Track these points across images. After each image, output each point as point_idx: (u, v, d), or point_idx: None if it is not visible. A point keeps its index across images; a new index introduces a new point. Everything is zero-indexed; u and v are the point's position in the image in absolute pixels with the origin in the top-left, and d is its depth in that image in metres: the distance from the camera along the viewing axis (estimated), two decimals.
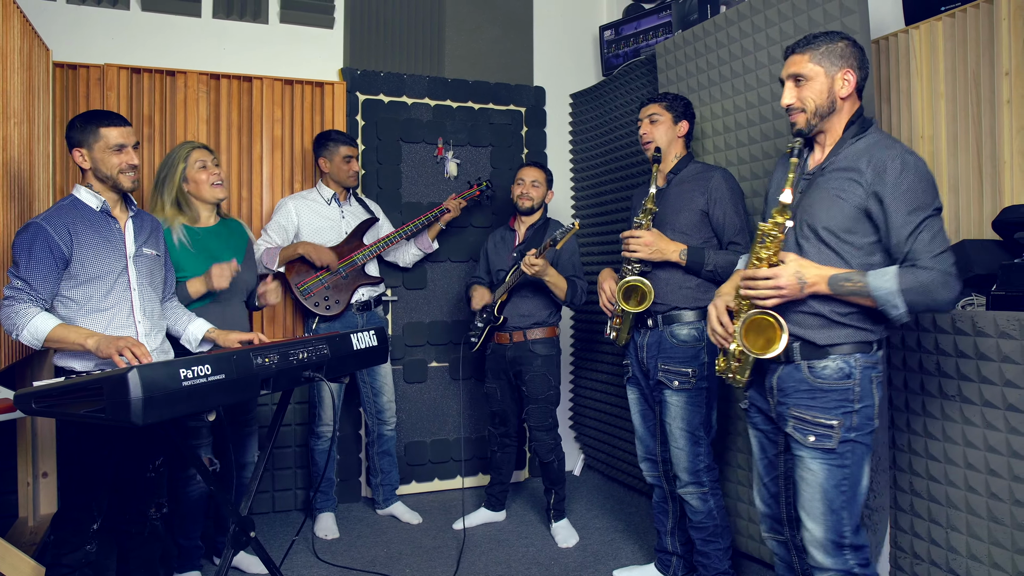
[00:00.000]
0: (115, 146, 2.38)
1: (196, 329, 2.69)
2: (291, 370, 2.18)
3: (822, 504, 2.03)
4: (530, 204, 3.57)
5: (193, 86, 3.75)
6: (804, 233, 2.08)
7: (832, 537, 2.03)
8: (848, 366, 2.04)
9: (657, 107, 2.90)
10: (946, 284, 1.89)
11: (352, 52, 4.14)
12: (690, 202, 2.80)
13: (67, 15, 3.62)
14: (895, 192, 1.93)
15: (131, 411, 1.70)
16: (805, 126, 2.10)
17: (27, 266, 2.26)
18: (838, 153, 2.08)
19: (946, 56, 2.65)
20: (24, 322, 2.22)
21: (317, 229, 3.59)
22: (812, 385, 2.07)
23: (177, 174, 2.93)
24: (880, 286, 1.92)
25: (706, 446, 2.80)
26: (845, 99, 2.07)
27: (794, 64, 2.09)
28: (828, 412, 2.04)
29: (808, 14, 2.73)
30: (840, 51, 2.05)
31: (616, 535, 3.59)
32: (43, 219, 2.31)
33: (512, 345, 3.54)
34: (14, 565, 2.45)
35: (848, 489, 2.02)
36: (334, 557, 3.32)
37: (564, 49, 4.70)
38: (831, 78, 2.05)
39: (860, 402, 2.03)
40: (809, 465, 2.06)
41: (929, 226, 1.92)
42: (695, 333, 2.79)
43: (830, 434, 2.02)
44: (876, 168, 1.96)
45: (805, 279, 2.00)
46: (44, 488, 3.37)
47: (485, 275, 3.77)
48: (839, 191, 2.02)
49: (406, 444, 4.18)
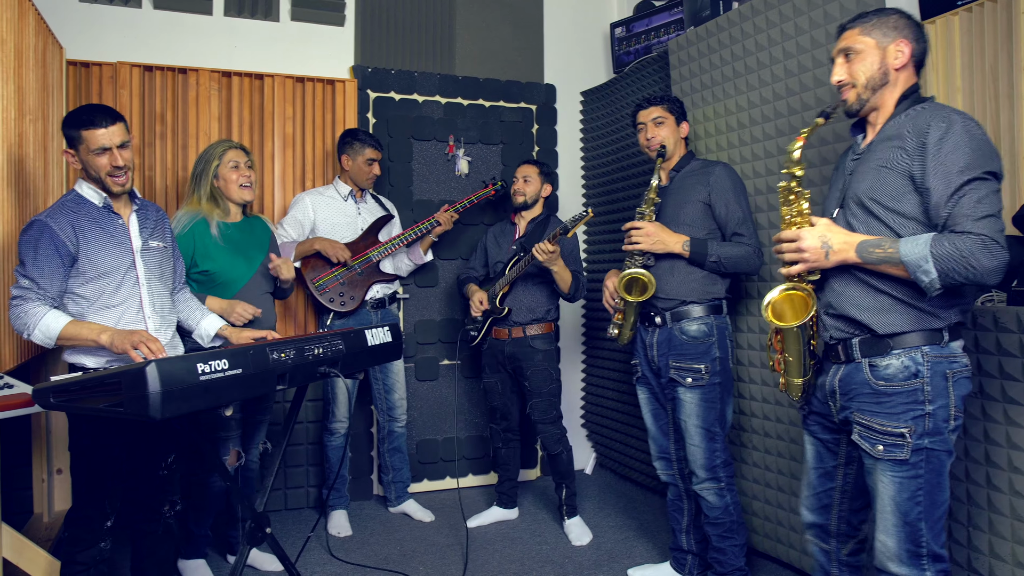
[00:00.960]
0: (97, 149, 2.30)
1: (209, 325, 2.68)
2: (307, 365, 2.17)
3: (894, 517, 1.86)
4: (522, 199, 3.60)
5: (205, 84, 3.75)
6: (852, 211, 1.95)
7: (908, 547, 1.86)
8: (914, 363, 1.84)
9: (660, 109, 2.91)
10: (986, 249, 1.68)
11: (363, 50, 4.14)
12: (692, 195, 2.82)
13: (80, 13, 3.63)
14: (937, 152, 1.77)
15: (149, 405, 1.70)
16: (856, 101, 1.97)
17: (33, 264, 2.23)
18: (886, 127, 1.95)
19: (963, 51, 2.64)
20: (34, 321, 2.20)
21: (333, 225, 3.60)
22: (874, 388, 1.89)
23: (211, 170, 2.99)
24: (910, 251, 1.75)
25: (722, 441, 2.79)
26: (900, 70, 1.93)
27: (844, 39, 1.99)
28: (896, 418, 1.84)
29: (824, 8, 2.71)
30: (893, 22, 1.93)
31: (630, 533, 3.58)
32: (47, 216, 2.27)
33: (511, 341, 3.55)
34: (31, 560, 2.46)
35: (925, 499, 1.83)
36: (347, 554, 3.32)
37: (575, 46, 4.69)
38: (883, 49, 1.93)
39: (932, 403, 1.83)
40: (880, 477, 1.88)
41: (975, 189, 1.73)
42: (705, 328, 2.78)
43: (901, 443, 1.83)
44: (919, 131, 1.82)
45: (831, 244, 1.88)
46: (59, 484, 3.38)
47: (481, 268, 3.80)
48: (884, 161, 1.88)
49: (417, 442, 4.17)
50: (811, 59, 2.78)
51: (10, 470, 3.30)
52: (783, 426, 2.97)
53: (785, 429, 2.96)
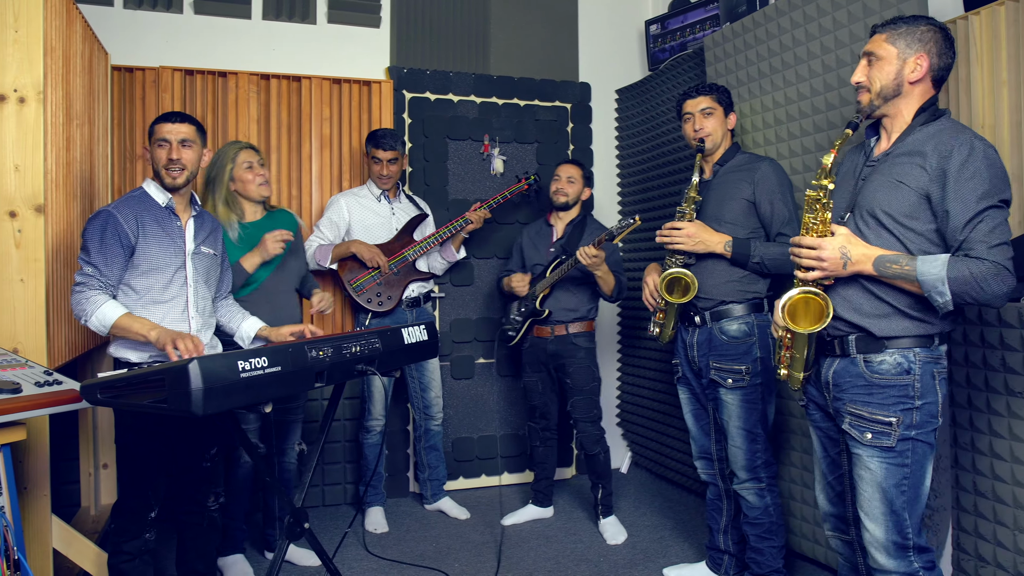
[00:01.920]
0: (160, 140, 2.46)
1: (249, 327, 2.75)
2: (344, 363, 2.21)
3: (882, 504, 1.97)
4: (565, 200, 3.58)
5: (244, 86, 3.82)
6: (864, 219, 2.02)
7: (894, 538, 1.96)
8: (907, 361, 1.96)
9: (709, 100, 2.84)
10: (998, 276, 1.80)
11: (399, 51, 4.18)
12: (736, 192, 2.76)
13: (124, 20, 3.72)
14: (959, 178, 1.85)
15: (192, 401, 1.74)
16: (867, 105, 2.04)
17: (98, 251, 2.35)
18: (904, 140, 2.01)
19: (1009, 42, 2.57)
20: (93, 309, 2.30)
21: (368, 226, 3.64)
22: (869, 380, 2.00)
23: (226, 174, 3.01)
24: (927, 271, 1.84)
25: (763, 442, 2.76)
26: (915, 84, 1.99)
27: (872, 42, 2.04)
28: (886, 408, 1.96)
29: (863, 2, 2.67)
30: (920, 35, 1.97)
31: (665, 533, 3.56)
32: (113, 207, 2.41)
33: (554, 339, 3.55)
34: (80, 551, 2.53)
35: (909, 489, 1.95)
36: (383, 551, 3.35)
37: (609, 44, 4.68)
38: (902, 61, 1.98)
39: (921, 399, 1.95)
40: (867, 464, 1.99)
41: (991, 216, 1.83)
42: (745, 328, 2.74)
43: (888, 431, 1.95)
44: (941, 153, 1.89)
45: (849, 255, 1.94)
46: (105, 478, 3.47)
47: (519, 269, 3.78)
48: (901, 176, 1.95)
49: (453, 440, 4.20)
50: (849, 54, 2.74)
51: (58, 464, 3.40)
52: None
53: None
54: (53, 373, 2.17)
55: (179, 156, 2.47)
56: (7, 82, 2.36)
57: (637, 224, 3.12)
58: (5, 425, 1.92)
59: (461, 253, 3.93)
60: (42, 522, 2.42)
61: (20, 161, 2.39)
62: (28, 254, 2.41)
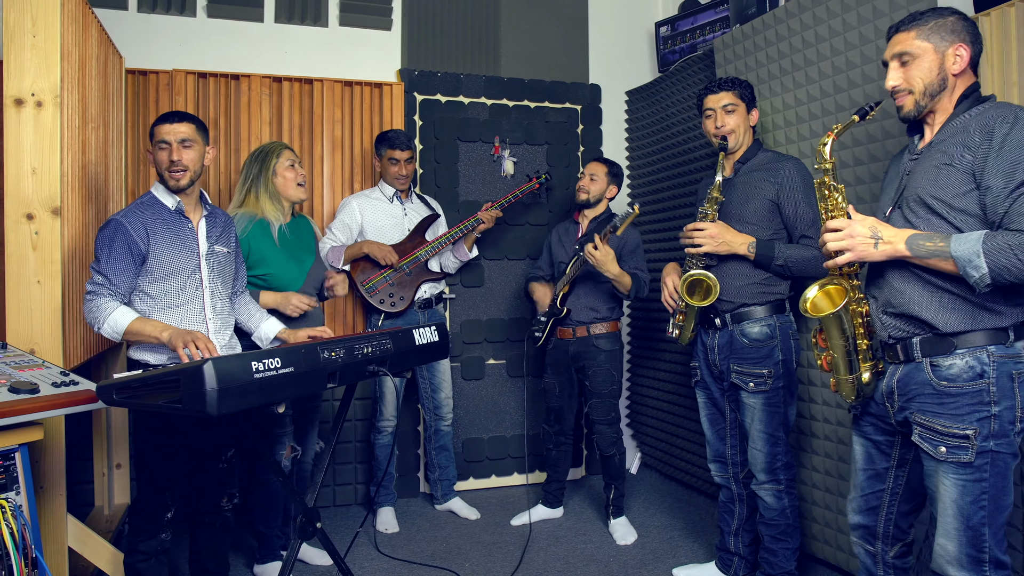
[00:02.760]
0: (160, 143, 2.45)
1: (269, 328, 2.77)
2: (356, 364, 2.22)
3: (956, 520, 1.81)
4: (585, 197, 3.56)
5: (256, 89, 3.85)
6: (911, 209, 1.91)
7: (969, 552, 1.80)
8: (979, 363, 1.80)
9: (731, 96, 2.77)
10: None
11: (410, 53, 4.20)
12: (759, 191, 2.71)
13: (138, 23, 3.76)
14: (1000, 148, 1.74)
15: (206, 402, 1.76)
16: (913, 108, 1.93)
17: (107, 261, 2.36)
18: (947, 126, 1.91)
19: (1019, 43, 2.56)
20: (104, 316, 2.31)
21: (380, 227, 3.66)
22: (937, 388, 1.84)
23: (271, 166, 3.02)
24: (961, 246, 1.72)
25: (784, 445, 2.73)
26: (958, 75, 1.90)
27: (899, 43, 1.93)
28: (960, 420, 1.80)
29: (872, 3, 2.67)
30: (951, 25, 1.88)
31: (675, 533, 3.57)
32: (122, 216, 2.41)
33: (575, 340, 3.55)
34: (95, 550, 2.56)
35: (988, 503, 1.78)
36: (394, 551, 3.37)
37: (620, 46, 4.69)
38: (941, 53, 1.88)
39: (998, 404, 1.78)
40: (942, 480, 1.82)
41: None
42: (767, 330, 2.70)
43: (965, 445, 1.78)
44: (984, 128, 1.79)
45: (880, 234, 1.83)
46: (118, 478, 3.51)
47: (547, 267, 3.77)
48: (947, 158, 1.84)
49: (464, 441, 4.22)
50: (859, 55, 2.74)
51: (72, 464, 3.43)
52: (845, 429, 2.90)
53: (847, 433, 2.89)
54: (69, 374, 2.20)
55: (180, 157, 2.45)
56: (25, 86, 2.40)
57: (636, 213, 3.12)
58: (23, 425, 1.95)
59: (473, 252, 3.94)
60: (58, 521, 2.44)
61: (37, 164, 2.42)
62: (45, 256, 2.44)
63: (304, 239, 3.17)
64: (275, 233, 3.01)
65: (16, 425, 1.93)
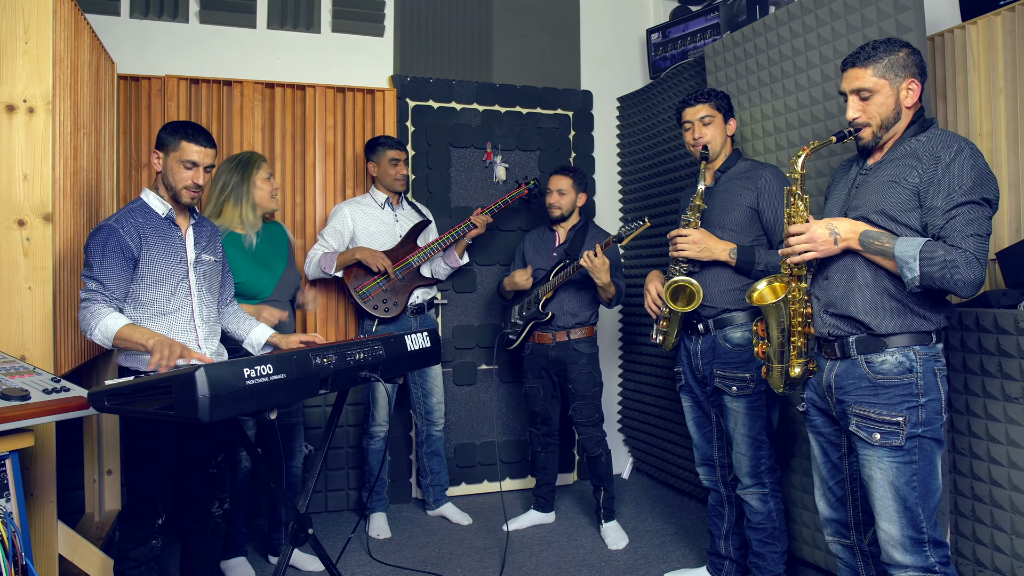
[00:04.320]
0: (188, 161, 2.44)
1: (259, 334, 2.76)
2: (348, 370, 2.22)
3: (895, 503, 1.99)
4: (559, 213, 3.62)
5: (249, 95, 3.86)
6: (859, 219, 2.07)
7: (910, 533, 1.99)
8: (908, 359, 2.00)
9: (707, 108, 2.84)
10: (968, 264, 1.85)
11: (402, 59, 4.21)
12: (739, 199, 2.77)
13: (130, 29, 3.76)
14: (944, 174, 1.93)
15: (198, 408, 1.76)
16: (871, 139, 2.10)
17: (100, 266, 2.34)
18: (898, 148, 2.08)
19: (1005, 51, 2.60)
20: (96, 321, 2.29)
21: (372, 233, 3.67)
22: (873, 381, 2.04)
23: (251, 178, 3.06)
24: (903, 248, 1.91)
25: (768, 448, 2.76)
26: (911, 107, 2.07)
27: (856, 79, 2.09)
28: (892, 408, 2.00)
29: (861, 12, 2.70)
30: (903, 61, 2.04)
31: (666, 538, 3.58)
32: (114, 220, 2.39)
33: (556, 345, 3.57)
34: (85, 557, 2.55)
35: (920, 485, 1.98)
36: (386, 556, 3.37)
37: (611, 53, 4.71)
38: (896, 89, 2.05)
39: (925, 396, 1.99)
40: (877, 464, 2.02)
41: (970, 210, 1.90)
42: (749, 335, 2.74)
43: (896, 431, 1.99)
44: (932, 155, 1.97)
45: (838, 231, 2.03)
46: (109, 485, 3.50)
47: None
48: (894, 176, 2.02)
49: (455, 446, 4.22)
50: None
51: (63, 471, 3.41)
52: None
53: None
54: (60, 380, 2.20)
55: (204, 182, 2.49)
56: (17, 92, 2.40)
57: (647, 226, 3.14)
58: (14, 432, 1.94)
59: (464, 259, 3.95)
60: (48, 528, 2.44)
61: (29, 170, 2.42)
62: (36, 262, 2.44)
63: (276, 245, 3.19)
64: (247, 243, 3.03)
65: (7, 432, 1.92)
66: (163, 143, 2.46)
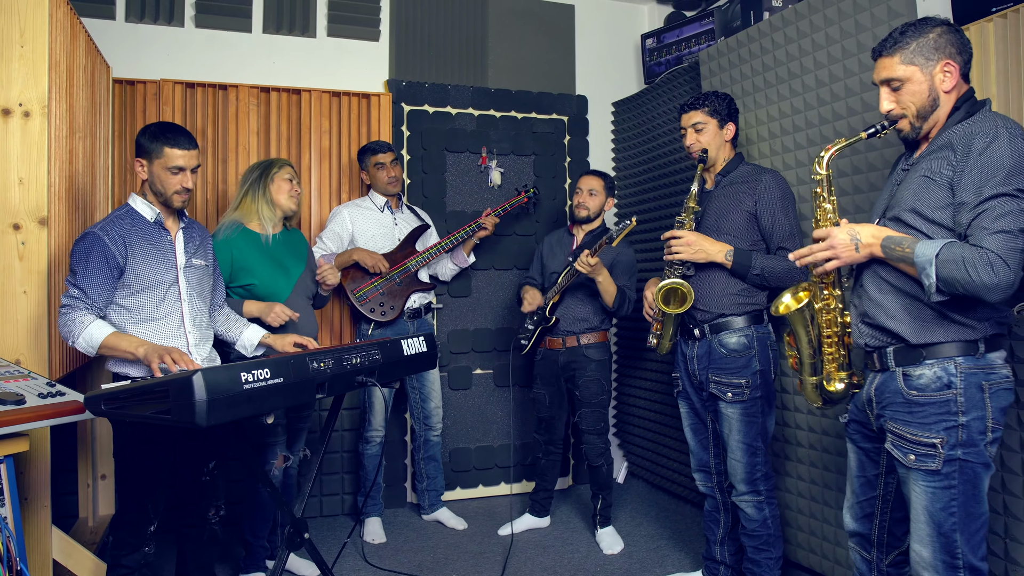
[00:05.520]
0: (174, 167, 2.41)
1: (252, 335, 2.75)
2: (345, 375, 2.23)
3: (928, 527, 1.83)
4: (586, 213, 3.56)
5: (244, 99, 3.85)
6: (895, 220, 1.93)
7: (943, 558, 1.82)
8: (947, 374, 1.82)
9: (701, 114, 2.81)
10: (990, 266, 1.66)
11: (397, 64, 4.22)
12: (738, 203, 2.74)
13: (126, 33, 3.75)
14: (976, 164, 1.74)
15: (196, 413, 1.76)
16: (911, 130, 1.94)
17: (83, 275, 2.30)
18: (938, 138, 1.90)
19: (998, 57, 2.61)
20: (79, 330, 2.26)
21: (371, 236, 3.67)
22: (907, 398, 1.87)
23: (271, 174, 3.07)
24: (922, 251, 1.74)
25: (763, 455, 2.75)
26: (949, 91, 1.89)
27: (884, 68, 1.92)
28: (927, 428, 1.82)
29: (855, 18, 2.71)
30: (934, 42, 1.86)
31: (662, 543, 3.58)
32: (99, 229, 2.36)
33: (565, 350, 3.56)
34: (79, 562, 2.54)
35: (959, 511, 1.80)
36: (381, 561, 3.36)
37: (606, 58, 4.73)
38: (929, 74, 1.88)
39: (966, 415, 1.80)
40: (913, 486, 1.86)
41: (1001, 204, 1.70)
42: (745, 340, 2.73)
43: (932, 453, 1.81)
44: (965, 143, 1.79)
45: (859, 237, 1.88)
46: (103, 490, 3.48)
47: (538, 276, 3.79)
48: (929, 171, 1.85)
49: (451, 451, 4.21)
50: (842, 69, 2.78)
51: (57, 475, 3.39)
52: (828, 438, 2.93)
53: (831, 442, 2.92)
54: (55, 384, 2.19)
55: (192, 185, 2.47)
56: (13, 96, 2.39)
57: (633, 225, 3.14)
58: (8, 436, 1.94)
59: (472, 258, 3.96)
60: (42, 533, 2.43)
61: (24, 174, 2.42)
62: (31, 266, 2.43)
63: (295, 248, 3.18)
64: (264, 240, 3.03)
65: (1, 436, 1.92)
66: (145, 150, 2.43)
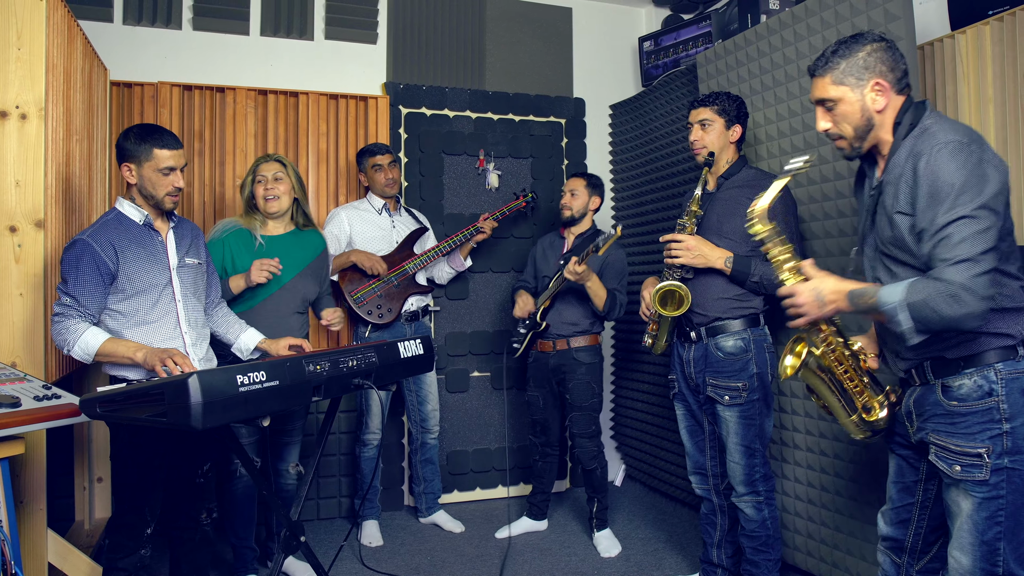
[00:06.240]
0: (164, 168, 2.37)
1: (249, 339, 2.75)
2: (341, 377, 2.22)
3: (971, 535, 1.77)
4: (569, 214, 3.59)
5: (242, 102, 3.85)
6: (869, 256, 1.93)
7: (983, 567, 1.76)
8: (987, 381, 1.76)
9: (709, 111, 2.78)
10: (953, 299, 1.62)
11: (395, 66, 4.22)
12: (740, 208, 2.66)
13: (123, 35, 3.75)
14: (925, 188, 1.71)
15: (191, 415, 1.75)
16: (850, 150, 1.93)
17: (74, 282, 2.27)
18: (891, 160, 1.87)
19: (994, 60, 2.62)
20: (74, 338, 2.24)
21: (369, 238, 3.67)
22: (948, 409, 1.81)
23: (248, 183, 3.10)
24: (886, 299, 1.70)
25: (762, 456, 2.75)
26: (882, 110, 1.86)
27: (817, 88, 1.90)
28: (972, 439, 1.76)
29: (852, 21, 2.72)
30: (863, 61, 1.83)
31: (659, 546, 3.58)
32: (89, 235, 2.32)
33: (555, 353, 3.56)
34: (75, 565, 2.53)
35: (1006, 520, 1.74)
36: (378, 564, 3.36)
37: (603, 61, 4.74)
38: (860, 94, 1.85)
39: (1010, 421, 1.74)
40: (955, 497, 1.81)
41: (956, 231, 1.65)
42: (741, 344, 2.72)
43: (979, 463, 1.75)
44: (913, 164, 1.75)
45: (823, 296, 1.85)
46: (99, 493, 3.47)
47: (532, 280, 3.80)
48: (895, 199, 1.82)
49: (448, 453, 4.21)
50: None
51: (53, 478, 3.37)
52: (826, 441, 2.93)
53: (829, 445, 2.92)
54: (51, 387, 2.19)
55: (183, 184, 2.46)
56: (9, 99, 2.39)
57: (618, 235, 3.15)
58: (3, 439, 1.93)
59: (468, 262, 3.96)
60: (38, 536, 2.42)
61: (21, 177, 2.41)
62: (27, 268, 2.43)
63: (296, 252, 3.12)
64: (259, 239, 3.04)
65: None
66: (131, 154, 2.37)
